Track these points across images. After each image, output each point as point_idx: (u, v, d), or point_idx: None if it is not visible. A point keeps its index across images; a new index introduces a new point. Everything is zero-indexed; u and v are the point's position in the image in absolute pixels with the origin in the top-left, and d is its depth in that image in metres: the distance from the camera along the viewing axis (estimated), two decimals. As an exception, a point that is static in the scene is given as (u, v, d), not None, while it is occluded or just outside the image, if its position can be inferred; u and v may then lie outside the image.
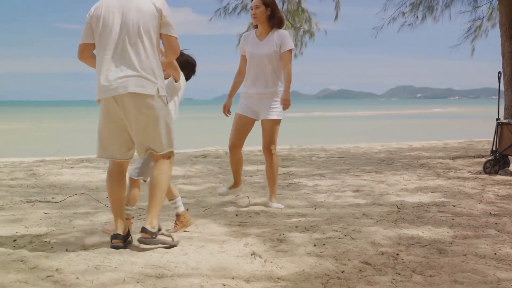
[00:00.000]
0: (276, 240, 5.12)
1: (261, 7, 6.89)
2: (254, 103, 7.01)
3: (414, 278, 4.10)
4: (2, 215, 6.44)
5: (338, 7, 16.60)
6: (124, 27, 4.78)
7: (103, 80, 4.76)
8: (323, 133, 32.50)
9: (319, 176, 9.91)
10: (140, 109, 4.77)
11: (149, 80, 4.79)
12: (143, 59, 4.78)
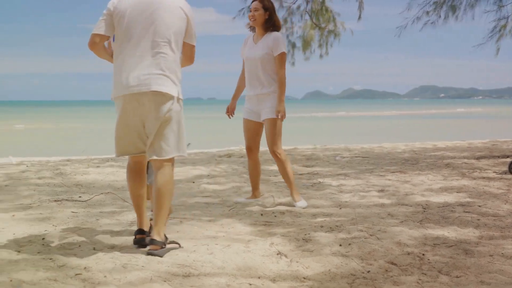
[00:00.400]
0: (301, 240, 5.13)
1: (260, 10, 6.91)
2: (255, 105, 7.09)
3: (440, 278, 4.10)
4: (31, 214, 6.51)
5: (361, 7, 16.54)
6: (152, 26, 4.75)
7: (125, 76, 4.74)
8: (346, 133, 32.42)
9: (343, 176, 9.90)
10: (158, 109, 4.74)
11: (172, 81, 4.80)
12: (168, 60, 4.79)
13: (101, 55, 4.99)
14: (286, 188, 8.48)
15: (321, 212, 6.63)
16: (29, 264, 4.37)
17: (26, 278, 3.98)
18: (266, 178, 9.57)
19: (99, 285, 3.88)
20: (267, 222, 6.07)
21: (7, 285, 3.85)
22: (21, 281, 3.91)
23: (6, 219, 6.21)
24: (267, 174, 10.14)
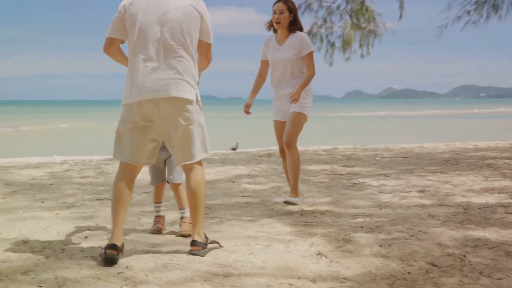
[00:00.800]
0: (341, 240, 5.13)
1: (286, 12, 6.84)
2: (284, 104, 7.01)
3: (481, 280, 4.07)
4: (74, 212, 6.62)
5: (402, 7, 16.45)
6: (165, 28, 4.64)
7: (142, 81, 4.61)
8: (386, 133, 32.24)
9: (383, 176, 9.86)
10: (179, 114, 4.65)
11: (190, 84, 4.71)
12: (184, 62, 4.69)
13: (117, 59, 4.95)
14: (326, 188, 8.49)
15: (361, 212, 6.62)
16: (73, 262, 4.45)
17: (70, 275, 4.06)
18: (306, 178, 9.57)
19: (140, 284, 3.93)
20: (307, 222, 6.08)
21: (52, 282, 3.92)
22: (66, 278, 3.99)
23: (51, 217, 6.33)
24: (307, 174, 10.14)
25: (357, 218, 6.24)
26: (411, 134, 29.36)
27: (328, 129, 37.14)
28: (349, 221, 6.05)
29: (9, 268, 4.28)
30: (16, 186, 8.75)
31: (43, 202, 7.40)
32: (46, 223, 6.03)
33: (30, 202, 7.44)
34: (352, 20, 16.84)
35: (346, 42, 17.05)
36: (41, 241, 5.20)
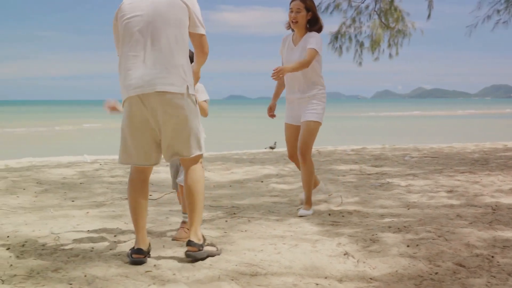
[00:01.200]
0: (369, 240, 5.12)
1: (303, 11, 6.53)
2: (296, 109, 6.76)
3: (510, 281, 4.04)
4: (104, 211, 6.69)
5: (431, 6, 16.35)
6: (150, 23, 4.49)
7: (128, 78, 4.49)
8: (415, 133, 32.07)
9: (412, 176, 9.82)
10: (168, 109, 4.47)
11: (179, 77, 4.50)
12: (173, 55, 4.50)
13: None
14: (354, 188, 8.48)
15: (389, 212, 6.61)
16: (102, 260, 4.51)
17: (99, 273, 4.11)
18: (335, 178, 9.58)
19: (168, 282, 3.97)
20: (334, 222, 6.08)
21: (81, 280, 3.98)
22: (95, 276, 4.04)
23: (81, 216, 6.41)
24: (336, 174, 10.14)
25: (384, 218, 6.23)
26: (441, 134, 29.21)
27: (357, 129, 37.05)
28: (377, 221, 6.05)
29: (41, 265, 4.35)
30: (48, 185, 8.86)
31: (74, 201, 7.49)
32: (76, 221, 6.11)
33: (61, 200, 7.54)
34: (380, 19, 16.78)
35: (375, 42, 17.00)
36: (71, 240, 5.27)
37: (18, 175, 9.83)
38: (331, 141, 21.18)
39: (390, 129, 37.05)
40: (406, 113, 73.29)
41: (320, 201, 7.38)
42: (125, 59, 4.55)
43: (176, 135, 4.55)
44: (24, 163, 13.43)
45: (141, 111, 4.49)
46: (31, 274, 4.13)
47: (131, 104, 4.51)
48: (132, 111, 4.52)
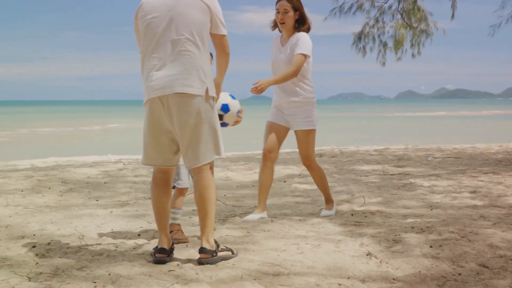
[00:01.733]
0: (391, 241, 5.11)
1: (290, 11, 6.23)
2: (285, 112, 6.45)
3: (533, 282, 4.04)
4: (127, 210, 6.75)
5: (454, 6, 16.28)
6: (171, 24, 4.49)
7: (149, 79, 4.52)
8: (438, 133, 31.91)
9: (435, 176, 9.79)
10: (186, 111, 4.46)
11: (199, 80, 4.50)
12: (192, 57, 4.49)
13: None
14: (377, 188, 8.47)
15: (412, 213, 6.60)
16: (125, 259, 4.55)
17: (123, 272, 4.15)
18: (357, 178, 9.57)
19: (191, 281, 3.99)
20: (357, 222, 6.08)
21: (105, 278, 4.02)
22: (119, 275, 4.08)
23: (105, 215, 6.47)
24: (358, 174, 10.13)
25: (407, 219, 6.22)
26: (464, 134, 29.00)
27: (380, 129, 36.94)
28: (400, 222, 6.04)
29: (66, 263, 4.41)
30: (73, 184, 8.94)
31: (98, 200, 7.56)
32: (100, 220, 6.17)
33: (86, 200, 7.61)
34: (403, 19, 16.72)
35: (398, 42, 16.95)
36: (95, 238, 5.33)
37: (43, 174, 9.93)
38: (354, 142, 21.13)
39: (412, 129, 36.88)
40: (429, 114, 72.89)
41: (343, 201, 7.38)
42: (147, 60, 4.58)
43: (194, 138, 4.53)
44: (50, 162, 13.58)
45: (160, 112, 4.52)
46: (56, 272, 4.19)
47: (152, 106, 4.54)
48: (153, 112, 4.55)
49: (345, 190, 8.27)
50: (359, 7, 17.01)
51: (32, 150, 21.30)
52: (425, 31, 17.00)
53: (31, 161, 13.93)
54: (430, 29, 17.09)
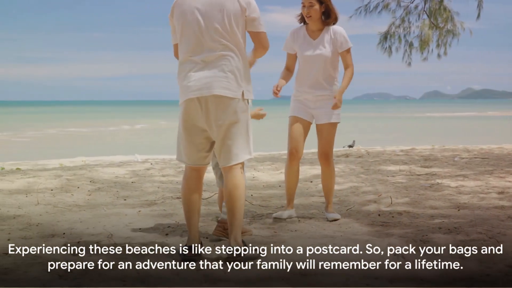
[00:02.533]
0: (419, 241, 5.10)
1: (316, 4, 6.12)
2: (311, 106, 6.35)
3: (562, 284, 4.02)
4: (155, 210, 6.80)
5: (480, 6, 16.15)
6: (208, 25, 4.55)
7: (187, 80, 4.59)
8: (465, 133, 31.70)
9: (462, 177, 9.73)
10: (223, 113, 4.55)
11: (236, 82, 4.58)
12: (229, 60, 4.57)
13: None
14: (404, 188, 8.44)
15: (439, 213, 6.58)
16: (154, 258, 4.58)
17: (151, 271, 4.20)
18: (384, 178, 9.55)
19: (219, 281, 4.03)
20: (384, 222, 6.08)
21: (134, 277, 4.08)
22: (147, 274, 4.13)
23: (133, 214, 6.54)
24: (385, 174, 10.10)
25: (435, 219, 6.20)
26: (490, 135, 28.80)
27: (406, 129, 36.78)
28: (427, 222, 6.02)
29: (95, 262, 4.44)
30: (101, 183, 9.02)
31: (126, 200, 7.62)
32: (128, 220, 6.23)
33: (114, 199, 7.67)
34: (430, 19, 16.64)
35: (424, 42, 16.85)
36: (124, 237, 5.38)
37: (72, 173, 10.02)
38: (380, 142, 21.07)
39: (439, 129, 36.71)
40: (456, 114, 72.44)
41: (370, 202, 7.38)
42: (184, 62, 4.65)
43: (229, 138, 4.61)
44: (77, 162, 13.70)
45: (197, 113, 4.60)
46: (86, 271, 4.23)
47: (188, 106, 4.61)
48: (189, 112, 4.63)
49: (372, 191, 8.26)
50: (384, 7, 16.95)
51: (60, 149, 21.51)
52: (452, 31, 16.90)
53: (59, 160, 14.08)
54: (456, 29, 16.99)
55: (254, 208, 7.07)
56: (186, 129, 4.68)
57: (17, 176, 9.56)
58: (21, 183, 8.79)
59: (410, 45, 17.50)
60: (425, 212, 6.64)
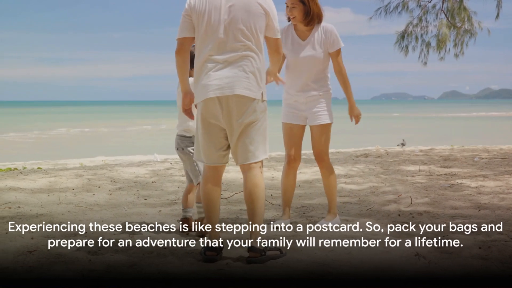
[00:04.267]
0: (439, 242, 5.10)
1: (298, 5, 5.83)
2: (302, 108, 6.07)
3: None
4: (175, 209, 6.83)
5: (499, 5, 16.06)
6: (232, 26, 4.57)
7: (207, 79, 4.59)
8: (484, 134, 31.54)
9: (482, 177, 9.69)
10: (243, 113, 4.58)
11: (256, 82, 4.62)
12: (251, 61, 4.61)
13: (184, 61, 4.78)
14: (424, 189, 8.42)
15: (459, 213, 6.56)
16: (175, 258, 4.63)
17: (172, 271, 4.23)
18: (404, 179, 9.53)
19: (239, 280, 4.05)
20: (404, 223, 6.07)
21: (155, 276, 4.09)
22: (168, 273, 4.15)
23: (153, 214, 6.58)
24: (404, 174, 10.09)
25: (455, 219, 6.18)
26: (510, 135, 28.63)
27: (425, 129, 36.64)
28: (447, 222, 6.01)
29: (117, 261, 4.50)
30: (121, 183, 9.07)
31: (146, 199, 7.66)
32: (149, 219, 6.27)
33: (134, 198, 7.72)
34: (448, 19, 16.57)
35: (441, 41, 16.78)
36: (145, 237, 5.40)
37: (92, 173, 10.09)
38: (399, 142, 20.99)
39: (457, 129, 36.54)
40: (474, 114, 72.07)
41: (390, 202, 7.37)
42: (204, 60, 4.63)
43: (247, 137, 4.65)
44: (97, 161, 13.79)
45: (217, 111, 4.60)
46: (108, 270, 4.28)
47: (208, 105, 4.62)
48: (208, 111, 4.64)
49: (391, 191, 8.25)
50: (403, 6, 16.91)
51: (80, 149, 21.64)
52: (469, 31, 16.83)
53: (80, 160, 14.18)
54: (474, 29, 16.92)
55: (274, 207, 7.08)
56: (205, 128, 4.70)
57: (39, 175, 9.65)
58: (43, 182, 8.87)
59: (427, 45, 17.45)
60: (445, 213, 6.63)
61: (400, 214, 6.60)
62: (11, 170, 11.34)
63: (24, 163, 13.35)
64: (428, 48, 17.44)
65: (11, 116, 65.14)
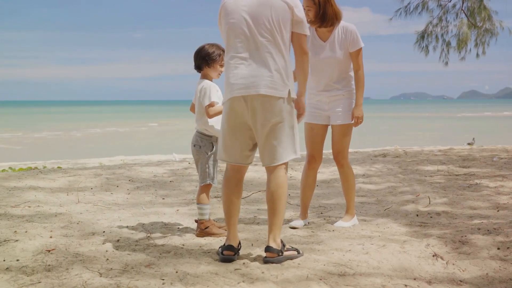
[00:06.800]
0: (458, 242, 5.07)
1: (313, 8, 5.76)
2: (324, 107, 6.07)
3: None
4: (193, 209, 6.84)
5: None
6: (256, 24, 4.53)
7: (233, 78, 4.56)
8: (504, 133, 31.36)
9: (501, 177, 9.64)
10: (268, 112, 4.52)
11: (282, 81, 4.54)
12: (275, 58, 4.54)
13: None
14: (442, 189, 8.38)
15: (478, 214, 6.53)
16: (192, 257, 4.64)
17: (190, 270, 4.23)
18: (422, 179, 9.50)
19: (257, 280, 4.04)
20: (422, 223, 6.06)
21: (173, 276, 4.11)
22: (186, 273, 4.16)
23: (171, 213, 6.59)
24: (423, 174, 10.05)
25: (473, 220, 6.16)
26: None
27: (444, 129, 36.49)
28: (466, 223, 5.99)
29: (134, 260, 4.52)
30: (139, 182, 9.11)
31: (164, 199, 7.69)
32: (167, 218, 6.29)
33: (152, 198, 7.75)
34: (468, 19, 16.49)
35: (462, 41, 16.72)
36: (162, 236, 5.43)
37: (111, 172, 10.14)
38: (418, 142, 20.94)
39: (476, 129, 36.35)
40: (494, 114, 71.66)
41: (408, 202, 7.35)
42: (230, 60, 4.63)
43: (274, 138, 4.59)
44: (116, 161, 13.86)
45: (242, 111, 4.58)
46: (125, 269, 4.29)
47: (233, 104, 4.59)
48: (234, 111, 4.61)
49: (409, 191, 8.22)
50: (423, 6, 16.87)
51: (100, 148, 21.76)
52: (490, 30, 16.74)
53: (99, 159, 14.25)
54: (495, 28, 16.83)
55: (292, 207, 7.08)
56: (230, 127, 4.66)
57: (59, 174, 9.71)
58: (62, 181, 8.94)
59: (447, 45, 17.39)
60: (464, 213, 6.60)
61: (418, 214, 6.58)
62: (32, 169, 11.44)
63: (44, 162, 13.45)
64: (449, 48, 17.39)
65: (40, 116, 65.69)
